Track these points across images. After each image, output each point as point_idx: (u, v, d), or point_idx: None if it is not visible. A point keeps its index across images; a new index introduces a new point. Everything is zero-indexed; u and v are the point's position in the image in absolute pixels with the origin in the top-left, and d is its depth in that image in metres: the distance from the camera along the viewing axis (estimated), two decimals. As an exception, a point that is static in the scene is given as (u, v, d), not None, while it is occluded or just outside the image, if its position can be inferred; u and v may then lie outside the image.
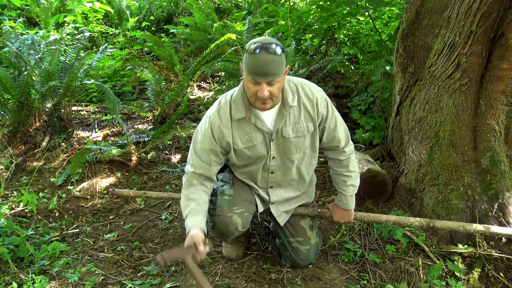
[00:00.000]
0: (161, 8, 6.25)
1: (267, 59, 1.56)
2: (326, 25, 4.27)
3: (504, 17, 2.16)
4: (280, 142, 1.85)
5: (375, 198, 2.68)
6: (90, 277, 2.01)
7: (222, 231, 1.96)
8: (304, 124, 1.83)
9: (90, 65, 3.57)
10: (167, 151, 3.48)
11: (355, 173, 1.98)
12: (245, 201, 1.98)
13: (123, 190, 2.40)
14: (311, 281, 2.07)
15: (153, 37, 4.32)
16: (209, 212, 1.92)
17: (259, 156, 1.88)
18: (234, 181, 2.03)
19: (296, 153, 1.90)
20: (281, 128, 1.81)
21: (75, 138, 3.52)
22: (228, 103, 1.81)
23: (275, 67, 1.58)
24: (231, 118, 1.80)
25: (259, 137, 1.83)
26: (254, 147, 1.85)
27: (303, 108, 1.81)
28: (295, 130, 1.83)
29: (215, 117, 1.81)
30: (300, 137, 1.85)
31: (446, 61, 2.42)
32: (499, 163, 2.37)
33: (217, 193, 1.97)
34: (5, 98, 3.21)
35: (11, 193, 2.83)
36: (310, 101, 1.81)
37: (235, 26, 4.66)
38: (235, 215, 1.91)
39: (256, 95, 1.64)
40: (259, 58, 1.57)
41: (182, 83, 3.72)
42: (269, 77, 1.60)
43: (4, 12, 5.51)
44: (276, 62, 1.58)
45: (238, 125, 1.81)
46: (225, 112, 1.80)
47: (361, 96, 3.73)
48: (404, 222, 2.13)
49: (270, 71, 1.58)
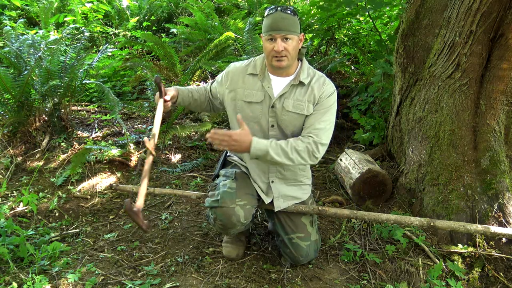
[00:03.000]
0: (161, 8, 6.24)
1: (281, 16, 1.79)
2: (326, 25, 4.27)
3: (504, 17, 2.16)
4: (279, 112, 1.93)
5: (375, 198, 2.68)
6: (90, 277, 2.01)
7: (225, 223, 1.95)
8: (306, 104, 1.92)
9: (90, 65, 3.57)
10: (167, 151, 3.48)
11: (295, 161, 1.84)
12: (248, 194, 2.00)
13: (126, 186, 2.42)
14: (311, 281, 2.07)
15: (153, 37, 4.32)
16: (211, 206, 1.96)
17: (257, 117, 1.96)
18: (237, 175, 2.06)
19: (290, 129, 1.95)
20: (284, 97, 1.93)
21: (75, 138, 3.52)
22: (249, 61, 2.05)
23: (289, 24, 1.79)
24: (246, 71, 2.01)
25: (259, 97, 1.95)
26: (252, 105, 1.96)
27: (310, 90, 1.92)
28: (296, 105, 1.92)
29: (235, 65, 2.06)
30: (298, 114, 1.92)
31: (446, 61, 2.42)
32: (499, 163, 2.37)
33: (219, 186, 2.00)
34: (5, 98, 3.21)
35: (11, 193, 2.83)
36: (319, 87, 1.93)
37: (236, 23, 4.67)
38: (237, 207, 1.92)
39: (273, 51, 1.82)
40: (274, 15, 1.80)
41: (182, 83, 3.73)
42: (283, 32, 1.78)
43: (4, 12, 5.51)
44: (290, 20, 1.79)
45: (247, 79, 1.99)
46: (243, 65, 2.04)
47: (361, 96, 3.73)
48: (405, 221, 2.12)
49: (285, 26, 1.78)
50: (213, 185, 2.11)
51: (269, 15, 1.82)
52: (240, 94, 1.99)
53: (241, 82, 1.99)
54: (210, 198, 2.01)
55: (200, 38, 5.03)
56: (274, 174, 2.05)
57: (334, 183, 3.02)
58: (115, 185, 2.26)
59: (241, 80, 1.99)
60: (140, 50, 5.39)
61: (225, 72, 2.09)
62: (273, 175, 2.06)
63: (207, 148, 3.53)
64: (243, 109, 1.98)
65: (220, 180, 2.08)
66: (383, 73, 3.33)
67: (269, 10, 1.83)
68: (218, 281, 2.02)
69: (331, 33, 4.52)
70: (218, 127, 3.78)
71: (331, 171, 3.14)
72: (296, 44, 1.85)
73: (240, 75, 2.01)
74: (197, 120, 3.88)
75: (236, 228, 1.98)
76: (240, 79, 2.00)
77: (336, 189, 2.94)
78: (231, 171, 2.11)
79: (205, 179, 3.10)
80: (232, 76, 2.03)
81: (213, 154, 3.44)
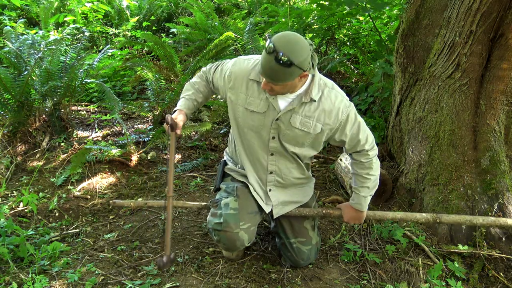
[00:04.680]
0: (161, 8, 6.24)
1: (271, 66, 1.56)
2: (326, 25, 4.27)
3: (504, 17, 2.16)
4: (284, 126, 1.82)
5: (375, 198, 2.67)
6: (90, 277, 2.01)
7: (228, 246, 1.96)
8: (314, 123, 1.80)
9: (91, 65, 3.57)
10: (167, 151, 3.48)
11: (374, 177, 1.95)
12: (250, 213, 1.96)
13: (124, 202, 2.31)
14: (311, 281, 2.07)
15: (153, 37, 4.32)
16: (215, 228, 1.92)
17: (257, 127, 1.86)
18: (238, 191, 2.00)
19: (292, 144, 1.88)
20: (292, 112, 1.79)
21: (75, 138, 3.52)
22: (255, 62, 1.85)
23: (277, 76, 1.59)
24: (249, 75, 1.83)
25: (262, 107, 1.81)
26: (253, 114, 1.84)
27: (320, 107, 1.79)
28: (303, 122, 1.80)
29: (240, 66, 1.86)
30: (304, 132, 1.82)
31: (446, 61, 2.42)
32: (499, 163, 2.37)
33: (221, 205, 1.96)
34: (5, 98, 3.21)
35: (11, 193, 2.83)
36: (331, 105, 1.78)
37: (236, 23, 4.66)
38: (241, 231, 1.90)
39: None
40: (266, 60, 1.57)
41: (182, 82, 3.73)
42: (269, 80, 1.62)
43: (4, 12, 5.50)
44: (280, 72, 1.56)
45: (251, 85, 1.83)
46: (248, 68, 1.84)
47: (361, 96, 3.73)
48: (410, 218, 2.13)
49: (271, 77, 1.60)
50: (215, 201, 2.04)
51: (265, 54, 1.57)
52: (242, 100, 1.85)
53: (244, 87, 1.84)
54: (212, 219, 1.96)
55: (200, 38, 5.03)
56: (272, 183, 2.01)
57: (334, 183, 3.02)
58: (112, 203, 2.21)
59: (244, 86, 1.84)
60: (140, 50, 5.39)
61: (229, 71, 1.90)
62: (271, 183, 2.01)
63: (207, 148, 3.53)
64: (244, 116, 1.87)
65: (221, 196, 2.02)
66: (383, 73, 3.33)
67: (267, 45, 1.56)
68: (218, 281, 2.02)
69: (331, 33, 4.52)
70: (218, 127, 3.78)
71: (331, 171, 3.14)
72: (289, 85, 1.66)
73: (244, 79, 1.84)
74: (197, 120, 3.87)
75: (239, 249, 1.99)
76: (244, 84, 1.84)
77: (336, 189, 2.94)
78: (232, 186, 2.04)
79: (205, 179, 3.09)
80: (235, 78, 1.86)
81: (213, 154, 3.44)
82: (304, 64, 1.57)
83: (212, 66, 2.06)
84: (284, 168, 1.97)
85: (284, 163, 1.96)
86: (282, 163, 1.95)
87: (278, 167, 1.96)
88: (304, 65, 1.57)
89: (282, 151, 1.91)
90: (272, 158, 1.94)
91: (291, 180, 2.02)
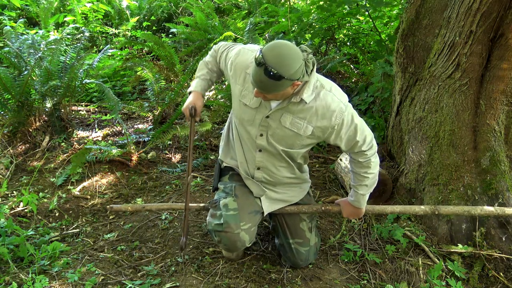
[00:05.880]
0: (161, 8, 6.24)
1: (260, 78, 1.54)
2: (326, 25, 4.27)
3: (504, 17, 2.16)
4: (274, 124, 1.80)
5: (375, 198, 2.68)
6: (90, 277, 2.01)
7: (229, 247, 1.96)
8: (305, 124, 1.77)
9: (91, 65, 3.57)
10: (167, 151, 3.48)
11: (373, 175, 1.93)
12: (250, 214, 1.96)
13: (121, 206, 2.27)
14: (311, 281, 2.07)
15: (153, 37, 4.32)
16: (215, 229, 1.92)
17: (248, 121, 1.85)
18: (236, 191, 2.00)
19: (281, 143, 1.86)
20: (283, 111, 1.76)
21: (75, 138, 3.52)
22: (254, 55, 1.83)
23: (266, 88, 1.57)
24: (247, 68, 1.80)
25: (255, 103, 1.80)
26: (247, 107, 1.83)
27: (313, 110, 1.74)
28: (293, 123, 1.77)
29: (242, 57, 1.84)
30: (293, 132, 1.79)
31: (446, 61, 2.42)
32: (499, 163, 2.37)
33: (220, 206, 1.96)
34: (5, 98, 3.21)
35: (11, 193, 2.83)
36: (324, 107, 1.73)
37: (236, 23, 4.66)
38: (242, 232, 1.90)
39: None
40: (256, 72, 1.55)
41: (182, 82, 3.73)
42: (260, 91, 1.61)
43: (4, 12, 5.50)
44: (268, 84, 1.54)
45: (248, 79, 1.81)
46: (248, 60, 1.81)
47: (361, 96, 3.73)
48: (409, 211, 2.18)
49: (262, 88, 1.58)
50: (213, 202, 2.04)
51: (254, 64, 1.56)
52: (237, 91, 1.85)
53: (241, 79, 1.83)
54: (212, 220, 1.95)
55: (200, 38, 5.04)
56: (259, 180, 2.00)
57: (334, 183, 3.02)
58: (109, 207, 2.20)
59: (242, 78, 1.83)
60: (140, 50, 5.39)
61: (231, 60, 1.89)
62: (259, 180, 2.00)
63: (207, 148, 3.53)
64: (239, 109, 1.88)
65: (220, 197, 2.01)
66: (383, 73, 3.33)
67: (256, 55, 1.54)
68: (218, 281, 2.02)
69: (331, 33, 4.52)
70: (218, 127, 3.78)
71: (331, 171, 3.14)
72: (281, 94, 1.64)
73: (243, 71, 1.82)
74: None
75: (241, 250, 1.99)
76: (242, 76, 1.83)
77: (336, 189, 2.94)
78: (230, 186, 2.04)
79: (205, 179, 3.09)
80: (235, 68, 1.85)
81: (213, 154, 3.44)
82: (295, 75, 1.54)
83: (221, 47, 2.04)
84: (271, 166, 1.95)
85: (272, 161, 1.94)
86: (270, 161, 1.94)
87: (266, 164, 1.95)
88: (295, 76, 1.54)
89: (270, 149, 1.88)
90: (260, 155, 1.92)
91: (279, 179, 2.00)
